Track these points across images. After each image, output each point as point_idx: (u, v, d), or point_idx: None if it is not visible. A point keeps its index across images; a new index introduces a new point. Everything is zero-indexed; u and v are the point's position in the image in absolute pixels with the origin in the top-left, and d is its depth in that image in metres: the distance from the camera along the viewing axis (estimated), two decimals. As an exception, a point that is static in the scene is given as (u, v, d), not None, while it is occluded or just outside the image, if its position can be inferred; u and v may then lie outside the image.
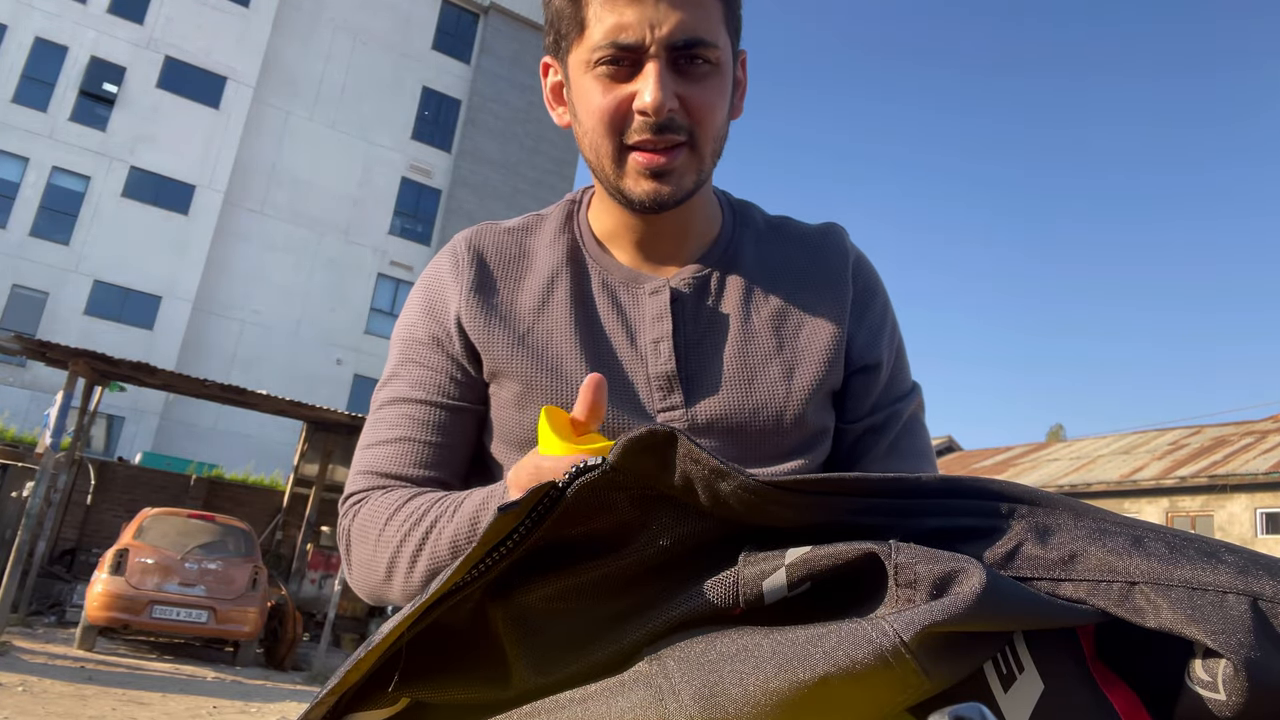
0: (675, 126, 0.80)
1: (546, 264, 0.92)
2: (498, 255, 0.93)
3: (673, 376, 0.86)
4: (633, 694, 0.45)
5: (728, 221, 0.96)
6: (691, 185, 0.84)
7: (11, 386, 20.58)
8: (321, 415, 11.00)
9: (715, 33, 0.81)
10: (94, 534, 12.71)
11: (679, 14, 0.78)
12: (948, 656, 0.40)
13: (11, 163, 21.68)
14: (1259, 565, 0.41)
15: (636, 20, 0.77)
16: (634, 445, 0.49)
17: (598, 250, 0.93)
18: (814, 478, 0.46)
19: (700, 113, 0.81)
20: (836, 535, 0.45)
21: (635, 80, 0.80)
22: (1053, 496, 0.46)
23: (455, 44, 27.86)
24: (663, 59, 0.78)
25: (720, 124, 0.84)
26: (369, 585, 0.85)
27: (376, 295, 25.39)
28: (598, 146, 0.83)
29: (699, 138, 0.82)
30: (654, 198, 0.83)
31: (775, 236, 0.97)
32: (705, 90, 0.81)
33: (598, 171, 0.86)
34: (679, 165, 0.82)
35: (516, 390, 0.87)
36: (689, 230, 0.92)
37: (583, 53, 0.82)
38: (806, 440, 0.88)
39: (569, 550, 0.53)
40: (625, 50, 0.78)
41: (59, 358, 9.47)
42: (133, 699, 6.94)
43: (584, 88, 0.83)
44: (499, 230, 0.95)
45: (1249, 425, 19.42)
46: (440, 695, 0.56)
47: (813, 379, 0.89)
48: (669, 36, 0.78)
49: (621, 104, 0.80)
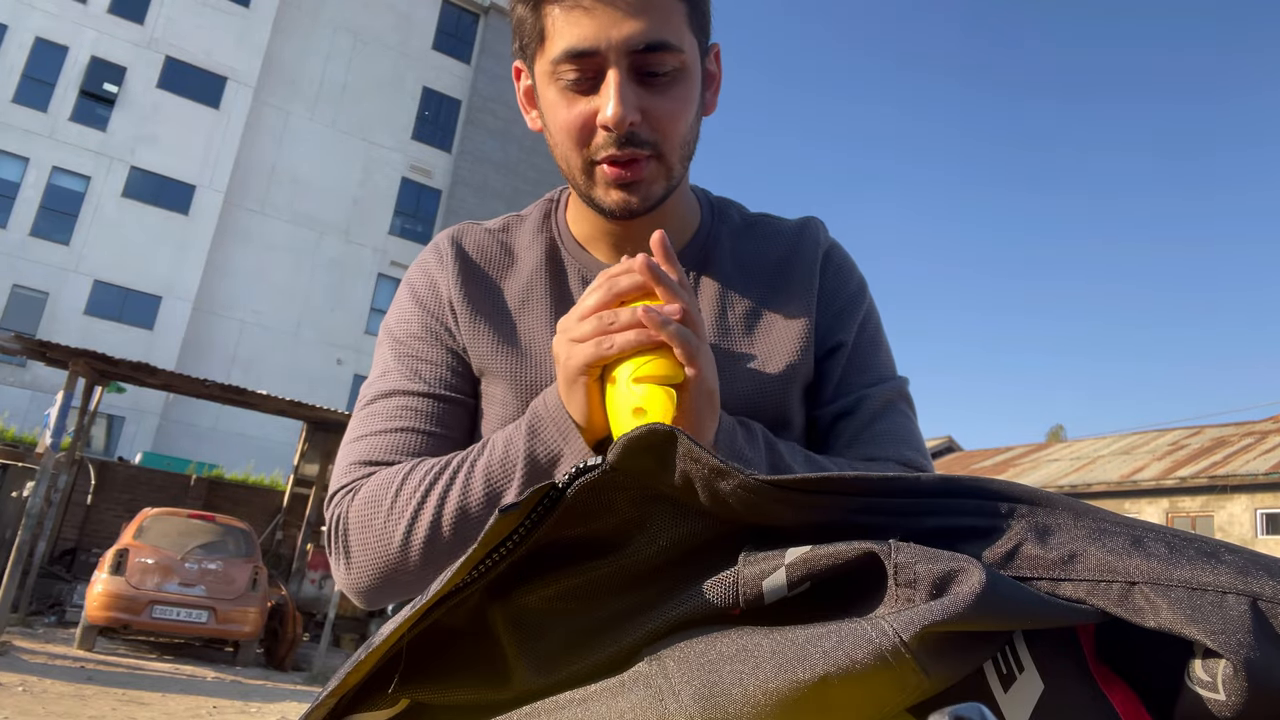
0: (639, 140, 0.79)
1: (526, 263, 0.93)
2: (480, 253, 0.93)
3: None
4: (632, 694, 0.45)
5: (705, 219, 0.97)
6: (661, 192, 0.84)
7: (11, 386, 20.59)
8: (321, 415, 11.01)
9: (678, 34, 0.79)
10: (94, 534, 12.72)
11: (636, 21, 0.76)
12: (948, 656, 0.40)
13: (11, 163, 21.69)
14: (1259, 565, 0.41)
15: (594, 30, 0.76)
16: (634, 445, 0.49)
17: (576, 248, 0.94)
18: (814, 477, 0.47)
19: (664, 124, 0.80)
20: (836, 535, 0.45)
21: (598, 94, 0.79)
22: (1052, 496, 0.46)
23: (455, 44, 27.88)
24: (623, 68, 0.77)
25: (686, 130, 0.83)
26: (377, 566, 0.80)
27: (376, 295, 25.41)
28: (567, 158, 0.83)
29: (664, 148, 0.81)
30: (624, 207, 0.83)
31: (751, 234, 0.97)
32: (668, 100, 0.80)
33: (570, 180, 0.86)
34: (646, 175, 0.82)
35: (502, 387, 0.87)
36: (665, 230, 0.92)
37: (545, 64, 0.81)
38: (782, 436, 0.88)
39: (569, 551, 0.53)
40: (584, 59, 0.77)
41: (59, 358, 9.47)
42: (133, 699, 6.94)
43: (549, 99, 0.82)
44: (479, 230, 0.96)
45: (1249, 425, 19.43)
46: (440, 696, 0.56)
47: (784, 372, 0.89)
48: (627, 42, 0.76)
49: (586, 119, 0.80)
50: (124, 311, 22.16)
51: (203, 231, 23.08)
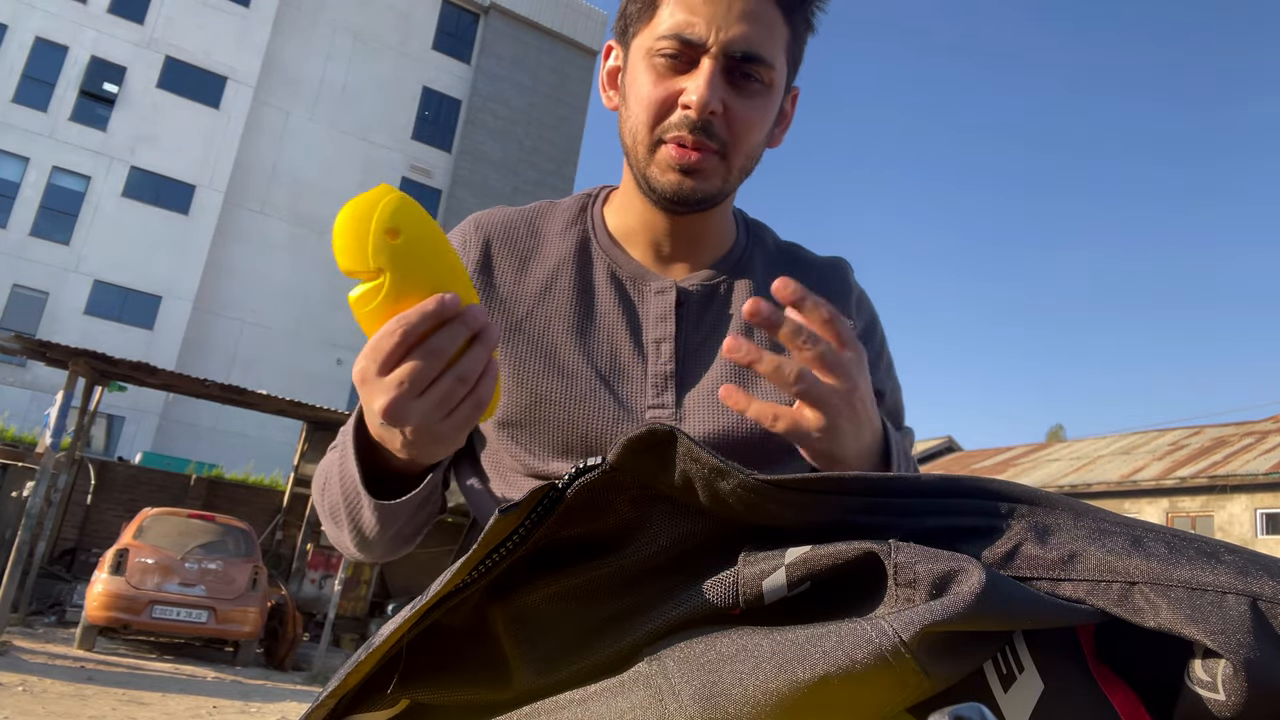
0: (711, 133, 0.81)
1: (555, 251, 0.93)
2: (506, 236, 0.94)
3: (670, 377, 0.86)
4: (632, 694, 0.45)
5: (741, 237, 0.98)
6: (714, 191, 0.85)
7: (11, 386, 20.58)
8: (321, 415, 11.00)
9: (775, 55, 0.82)
10: (94, 534, 12.71)
11: (746, 26, 0.80)
12: (948, 656, 0.40)
13: (11, 163, 21.69)
14: (1259, 565, 0.41)
15: (705, 22, 0.79)
16: (634, 445, 0.49)
17: (609, 243, 0.94)
18: (814, 477, 0.46)
19: (739, 126, 0.82)
20: (836, 535, 0.45)
21: (688, 77, 0.81)
22: (1052, 496, 0.46)
23: (455, 44, 27.87)
24: (719, 63, 0.80)
25: (756, 143, 0.85)
26: (328, 530, 0.85)
27: (376, 295, 25.38)
28: (636, 132, 0.85)
29: (731, 150, 0.83)
30: (676, 190, 0.83)
31: (784, 260, 0.98)
32: (750, 106, 0.82)
33: (631, 157, 0.87)
34: (706, 167, 0.83)
35: (507, 372, 0.86)
36: (704, 237, 0.93)
37: (647, 39, 0.83)
38: (793, 456, 0.88)
39: (569, 551, 0.53)
40: (687, 45, 0.80)
41: (59, 358, 9.47)
42: (133, 699, 6.94)
43: (639, 74, 0.84)
44: (510, 212, 0.97)
45: (1249, 425, 19.42)
46: (440, 696, 0.56)
47: None
48: (730, 43, 0.79)
49: (669, 95, 0.82)
50: (124, 311, 22.15)
51: (203, 231, 23.07)
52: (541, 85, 28.65)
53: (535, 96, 28.37)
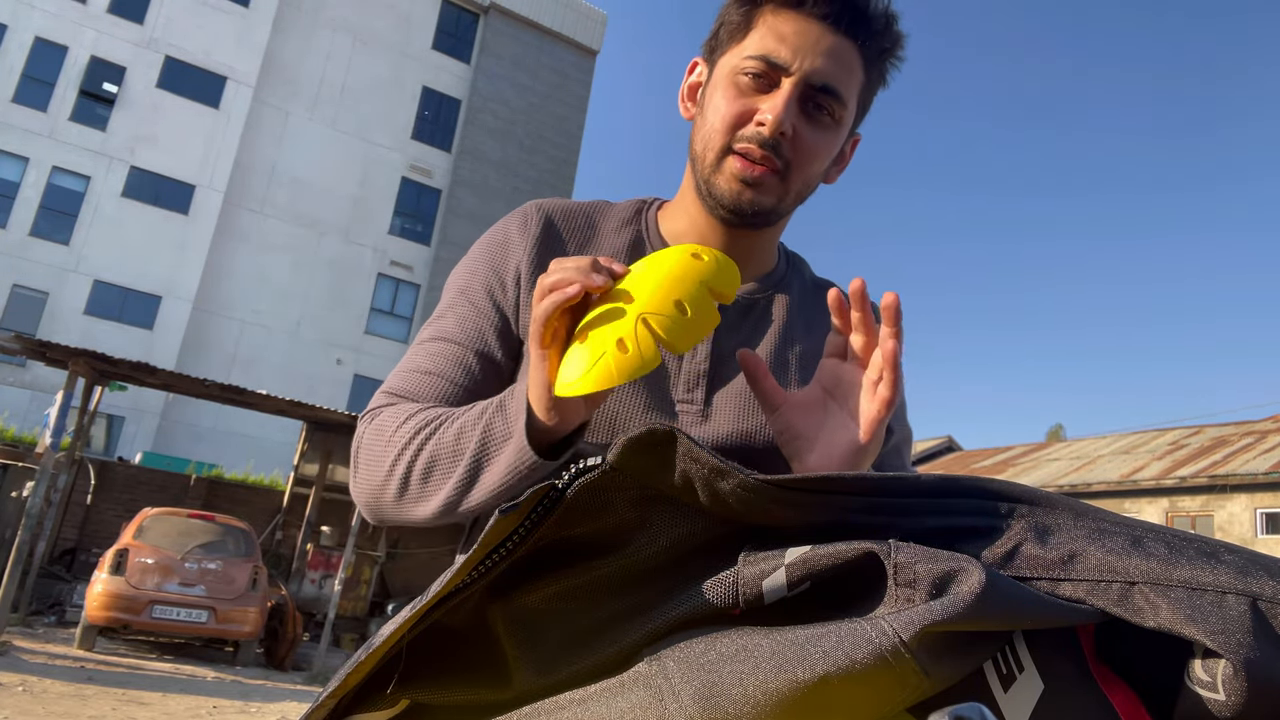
0: (778, 151, 0.86)
1: (609, 244, 0.97)
2: (566, 223, 0.97)
3: (702, 375, 0.90)
4: (632, 694, 0.45)
5: (782, 265, 1.03)
6: (770, 205, 0.89)
7: (11, 386, 20.58)
8: (321, 415, 11.00)
9: (849, 94, 0.88)
10: (94, 534, 12.71)
11: (828, 61, 0.85)
12: (948, 656, 0.40)
13: (11, 163, 21.68)
14: (1258, 565, 0.41)
15: (792, 49, 0.85)
16: (634, 445, 0.49)
17: (660, 245, 0.97)
18: (814, 476, 0.47)
19: (804, 152, 0.87)
20: (836, 535, 0.45)
21: (766, 98, 0.86)
22: (1052, 496, 0.46)
23: (455, 44, 27.86)
24: (798, 89, 0.85)
25: (815, 172, 0.90)
26: (370, 489, 0.84)
27: (376, 295, 25.39)
28: (709, 139, 0.89)
29: (793, 172, 0.88)
30: (736, 199, 0.88)
31: (818, 293, 1.03)
32: (818, 136, 0.88)
33: (699, 164, 0.91)
34: (767, 183, 0.87)
35: None
36: (750, 256, 0.97)
37: (734, 58, 0.88)
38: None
39: (569, 551, 0.53)
40: (771, 67, 0.85)
41: (59, 358, 9.46)
42: (133, 699, 6.94)
43: (721, 89, 0.89)
44: (569, 202, 1.01)
45: (1249, 425, 19.42)
46: (440, 696, 0.56)
47: None
48: (811, 73, 0.85)
49: (747, 112, 0.87)
50: (124, 311, 22.13)
51: (202, 231, 23.06)
52: (541, 85, 28.63)
53: (535, 96, 28.36)
